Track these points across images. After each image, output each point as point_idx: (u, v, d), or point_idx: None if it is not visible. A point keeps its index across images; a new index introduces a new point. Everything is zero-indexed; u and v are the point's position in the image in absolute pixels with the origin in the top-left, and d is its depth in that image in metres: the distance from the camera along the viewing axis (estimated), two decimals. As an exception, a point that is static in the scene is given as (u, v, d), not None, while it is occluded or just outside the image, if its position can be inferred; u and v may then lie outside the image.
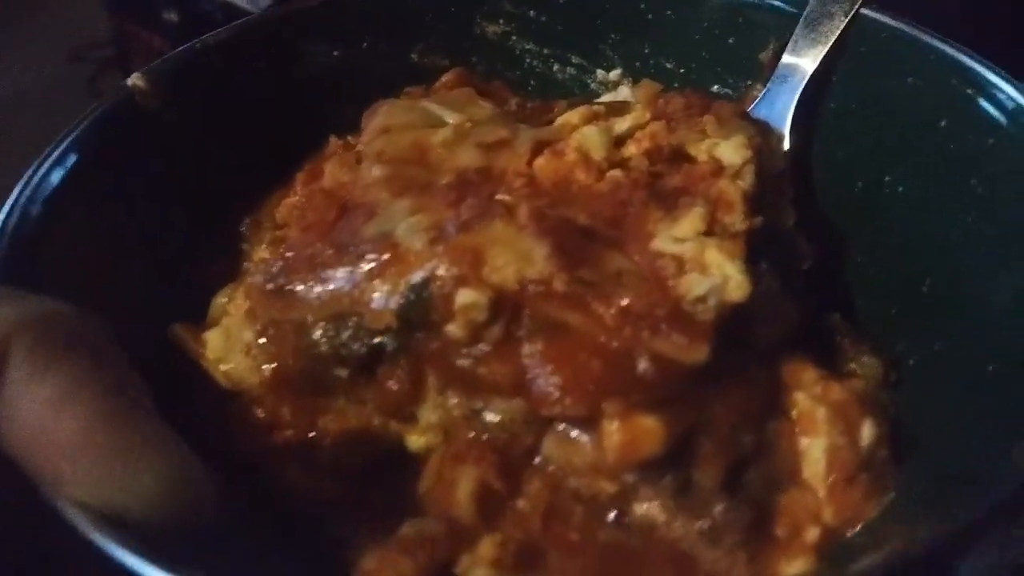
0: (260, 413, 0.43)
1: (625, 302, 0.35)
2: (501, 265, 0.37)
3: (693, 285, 0.35)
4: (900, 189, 0.49)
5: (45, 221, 0.42)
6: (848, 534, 0.37)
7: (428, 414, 0.39)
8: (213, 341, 0.43)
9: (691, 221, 0.39)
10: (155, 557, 0.27)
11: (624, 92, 0.62)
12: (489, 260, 0.37)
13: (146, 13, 0.91)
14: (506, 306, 0.36)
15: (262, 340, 0.42)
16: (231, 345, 0.43)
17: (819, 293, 0.47)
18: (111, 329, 0.30)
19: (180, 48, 0.53)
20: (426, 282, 0.37)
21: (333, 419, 0.41)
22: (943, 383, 0.42)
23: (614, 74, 0.62)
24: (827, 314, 0.46)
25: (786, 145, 0.52)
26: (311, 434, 0.42)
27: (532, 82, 0.63)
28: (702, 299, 0.35)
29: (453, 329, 0.36)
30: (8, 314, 0.27)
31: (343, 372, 0.40)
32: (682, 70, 0.60)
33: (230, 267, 0.50)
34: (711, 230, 0.39)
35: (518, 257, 0.37)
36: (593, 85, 0.63)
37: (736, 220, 0.39)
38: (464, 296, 0.36)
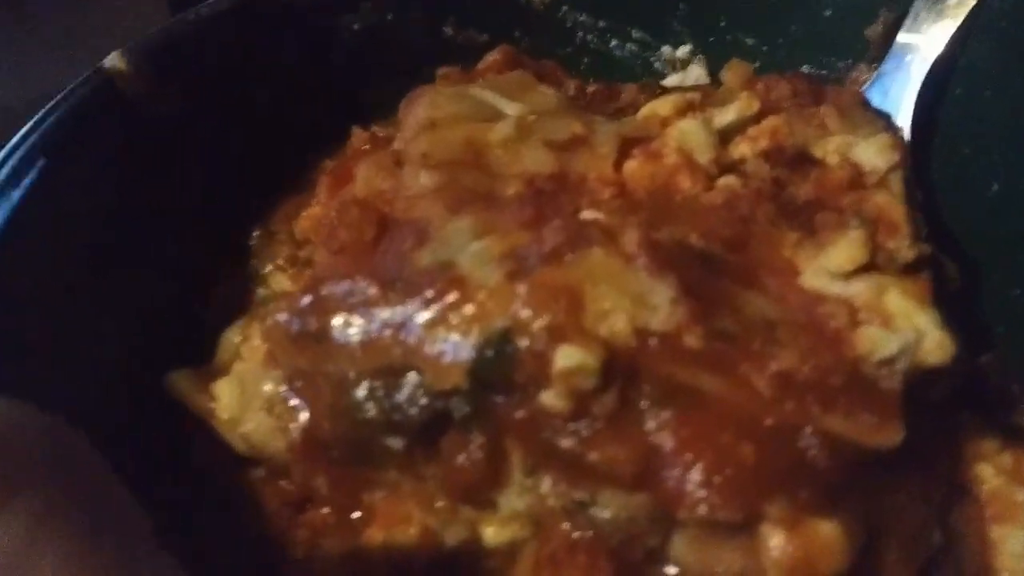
0: (287, 487, 0.34)
1: (784, 364, 0.27)
2: (609, 310, 0.28)
3: (878, 343, 0.27)
4: (1048, 195, 0.41)
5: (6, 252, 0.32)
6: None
7: (513, 501, 0.30)
8: (226, 395, 0.34)
9: (848, 248, 0.30)
10: None
11: (696, 72, 0.53)
12: (591, 303, 0.28)
13: None
14: (620, 368, 0.27)
15: (288, 394, 0.33)
16: (248, 400, 0.34)
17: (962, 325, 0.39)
18: (86, 440, 0.21)
19: (171, 21, 0.43)
20: (508, 332, 0.28)
21: (383, 497, 0.33)
22: None
23: (683, 51, 0.53)
24: (978, 353, 0.38)
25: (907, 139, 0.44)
26: (355, 514, 0.33)
27: (586, 60, 0.54)
28: (889, 361, 0.26)
29: (550, 399, 0.27)
30: None
31: (397, 442, 0.31)
32: (765, 47, 0.51)
33: (238, 291, 0.41)
34: (873, 259, 0.30)
35: (632, 301, 0.28)
36: (658, 64, 0.54)
37: (902, 245, 0.31)
38: (566, 356, 0.27)
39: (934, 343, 0.27)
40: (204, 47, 0.43)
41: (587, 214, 0.33)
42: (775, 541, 0.25)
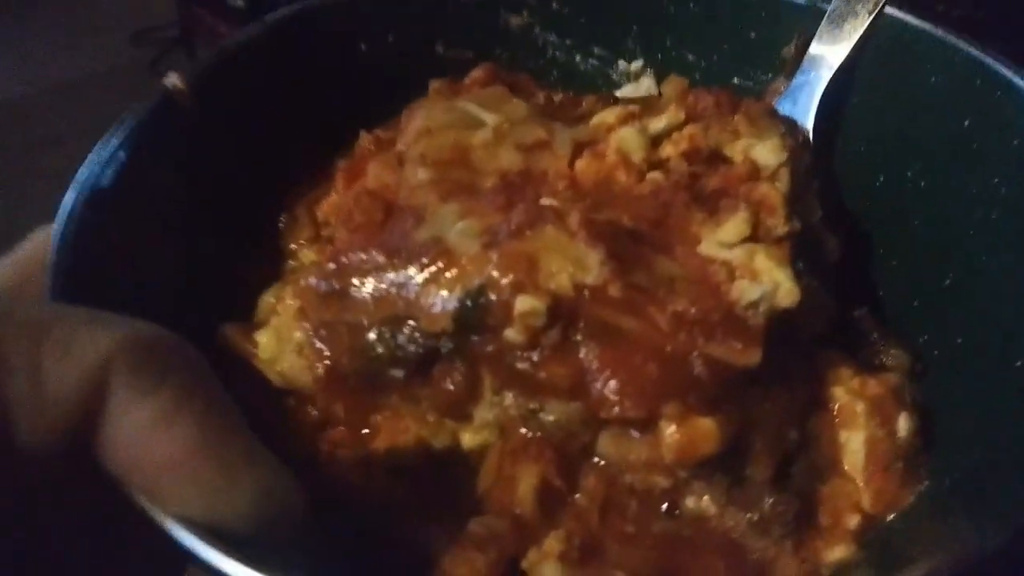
0: (312, 411, 0.44)
1: (679, 307, 0.37)
2: (556, 271, 0.38)
3: (745, 291, 0.37)
4: (922, 184, 0.51)
5: (96, 225, 0.42)
6: (887, 520, 0.39)
7: (484, 413, 0.40)
8: (265, 342, 0.44)
9: (736, 225, 0.40)
10: (251, 564, 0.29)
11: (646, 83, 0.63)
12: (544, 266, 0.39)
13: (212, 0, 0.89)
14: (563, 311, 0.37)
15: (315, 340, 0.43)
16: (283, 345, 0.44)
17: (846, 286, 0.49)
18: (198, 352, 0.30)
19: (214, 49, 0.52)
20: (483, 288, 0.39)
21: (387, 417, 0.43)
22: (967, 376, 0.44)
23: (636, 65, 0.63)
24: (855, 308, 0.48)
25: (810, 138, 0.54)
26: (364, 431, 0.43)
27: (555, 72, 0.64)
28: (754, 304, 0.37)
29: (512, 334, 0.37)
30: (110, 336, 0.27)
31: (398, 372, 0.41)
32: (703, 63, 0.61)
33: (271, 264, 0.51)
34: (755, 233, 0.40)
35: (572, 263, 0.38)
36: (615, 76, 0.64)
37: (778, 223, 0.41)
38: (523, 303, 0.37)
39: (785, 291, 0.37)
40: (244, 69, 0.53)
41: (545, 201, 0.43)
42: (669, 431, 0.36)
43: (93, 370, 0.27)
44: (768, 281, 0.37)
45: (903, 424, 0.40)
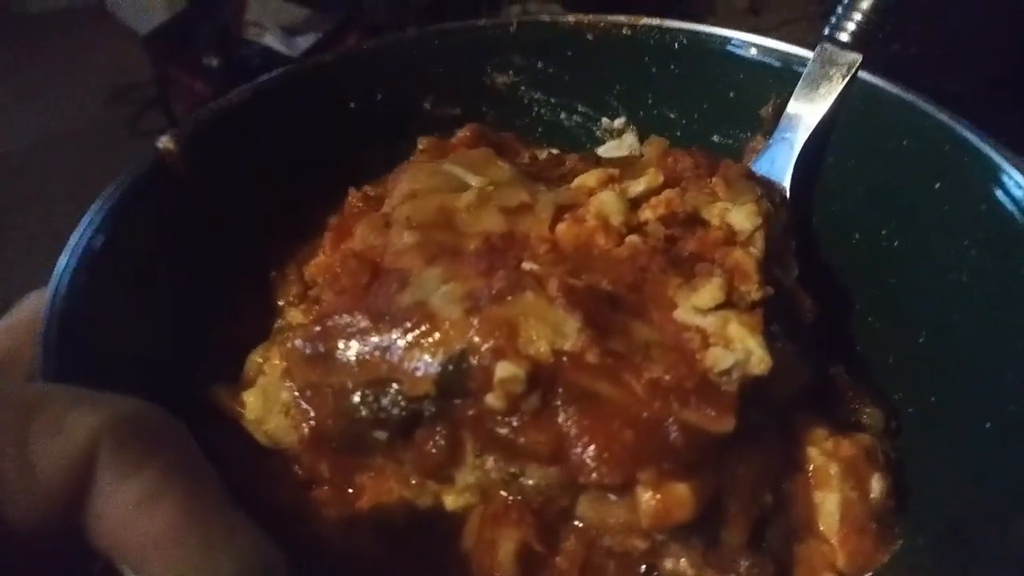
0: (298, 470, 0.45)
1: (655, 374, 0.38)
2: (536, 337, 0.39)
3: (719, 359, 0.38)
4: (896, 244, 0.52)
5: (89, 289, 0.43)
6: (860, 582, 0.40)
7: (466, 476, 0.41)
8: (252, 402, 0.45)
9: (710, 291, 0.41)
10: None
11: (629, 140, 0.65)
12: (523, 332, 0.40)
13: (188, 59, 0.92)
14: (542, 377, 0.38)
15: (300, 401, 0.44)
16: (270, 406, 0.45)
17: (822, 342, 0.50)
18: (183, 426, 0.31)
19: (202, 109, 0.54)
20: (464, 353, 0.40)
21: (371, 477, 0.44)
22: (941, 435, 0.45)
23: (618, 122, 0.65)
24: (831, 364, 0.49)
25: (787, 198, 0.55)
26: (349, 490, 0.44)
27: (540, 129, 0.66)
28: (727, 372, 0.38)
29: (492, 400, 0.38)
30: (97, 416, 0.28)
31: (382, 435, 0.42)
32: (684, 120, 0.63)
33: (260, 321, 0.52)
34: (729, 299, 0.42)
35: (551, 329, 0.39)
36: (598, 132, 0.65)
37: (752, 289, 0.42)
38: (503, 369, 0.38)
39: (758, 359, 0.38)
40: (234, 130, 0.54)
41: (526, 265, 0.44)
42: (645, 497, 0.37)
43: (81, 450, 0.28)
44: (740, 349, 0.38)
45: (876, 485, 0.41)
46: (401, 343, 0.41)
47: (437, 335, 0.41)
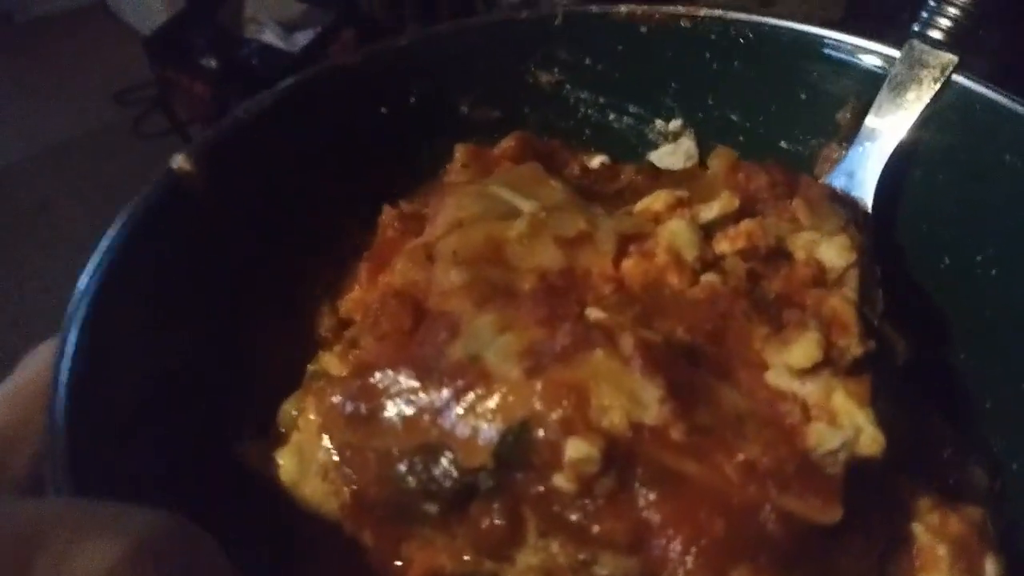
0: (340, 538, 0.41)
1: (750, 454, 0.33)
2: (609, 406, 0.34)
3: (824, 439, 0.33)
4: (993, 272, 0.47)
5: (102, 343, 0.39)
6: None
7: (528, 557, 0.36)
8: (287, 463, 0.41)
9: (805, 348, 0.36)
10: None
11: (686, 145, 0.59)
12: (595, 400, 0.35)
13: (186, 62, 0.87)
14: (618, 455, 0.34)
15: (340, 463, 0.40)
16: (306, 467, 0.41)
17: (909, 384, 0.45)
18: (212, 540, 0.27)
19: (221, 121, 0.48)
20: (527, 423, 0.35)
21: (419, 548, 0.39)
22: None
23: (674, 124, 0.59)
24: (922, 414, 0.44)
25: (869, 216, 0.50)
26: (396, 563, 0.40)
27: (587, 132, 0.60)
28: (832, 452, 0.33)
29: (562, 482, 0.34)
30: (112, 545, 0.24)
31: (432, 508, 0.37)
32: (748, 124, 0.57)
33: (291, 360, 0.47)
34: (827, 355, 0.37)
35: (627, 398, 0.34)
36: (651, 136, 0.60)
37: (851, 343, 0.37)
38: (575, 448, 0.33)
39: (869, 438, 0.33)
40: (255, 143, 0.49)
41: (591, 312, 0.39)
42: (740, 599, 0.32)
43: None
44: (848, 426, 0.33)
45: (990, 568, 0.36)
46: (453, 406, 0.36)
47: (495, 399, 0.36)
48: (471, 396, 0.36)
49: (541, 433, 0.34)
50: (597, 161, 0.56)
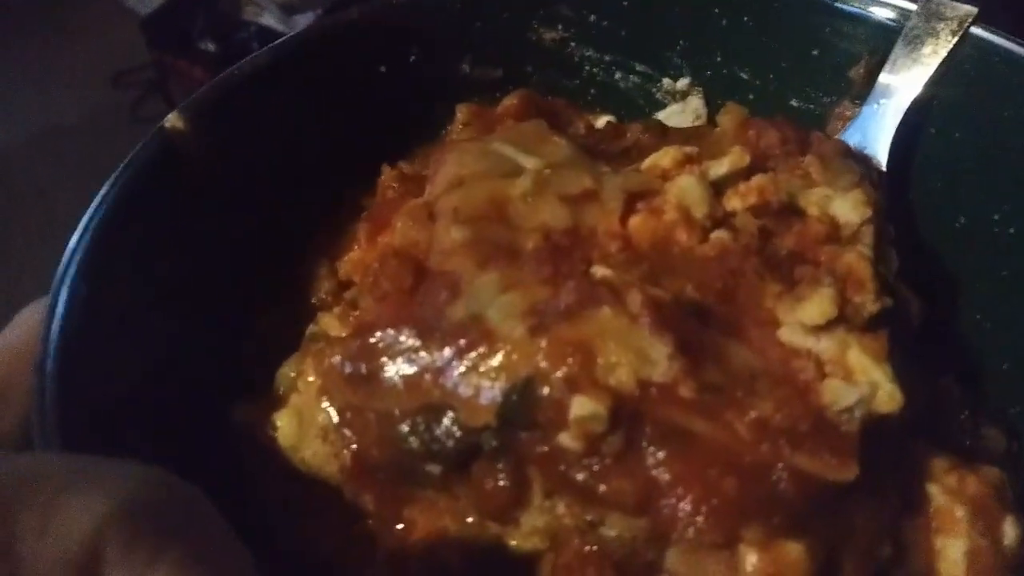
0: (339, 502, 0.40)
1: (762, 412, 0.32)
2: (616, 363, 0.33)
3: (839, 395, 0.32)
4: (1010, 230, 0.46)
5: (92, 302, 0.38)
6: (989, 643, 0.35)
7: (533, 519, 0.35)
8: (285, 425, 0.40)
9: (820, 304, 0.35)
10: None
11: (695, 104, 0.57)
12: (601, 357, 0.34)
13: (184, 45, 0.86)
14: (626, 413, 0.33)
15: (340, 425, 0.39)
16: (305, 429, 0.40)
17: (925, 347, 0.44)
18: (202, 495, 0.26)
19: (217, 78, 0.47)
20: (531, 381, 0.34)
21: (422, 511, 0.38)
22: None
23: (682, 83, 0.57)
24: (940, 374, 0.43)
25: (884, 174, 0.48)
26: (398, 526, 0.39)
27: (592, 92, 0.58)
28: (848, 409, 0.32)
29: (567, 441, 0.33)
30: (99, 500, 0.23)
31: (435, 468, 0.36)
32: (758, 81, 0.55)
33: (290, 323, 0.46)
34: (842, 312, 0.35)
35: (635, 355, 0.33)
36: (659, 95, 0.58)
37: (867, 299, 0.36)
38: (581, 406, 0.32)
39: (886, 395, 0.32)
40: (249, 100, 0.47)
41: (597, 269, 0.38)
42: (751, 559, 0.31)
43: (83, 549, 0.22)
44: (865, 382, 0.32)
45: (1010, 530, 0.35)
46: (455, 365, 0.35)
47: (499, 357, 0.35)
48: (473, 355, 0.35)
49: (546, 391, 0.33)
50: (603, 120, 0.55)
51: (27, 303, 0.37)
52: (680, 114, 0.57)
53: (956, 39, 0.47)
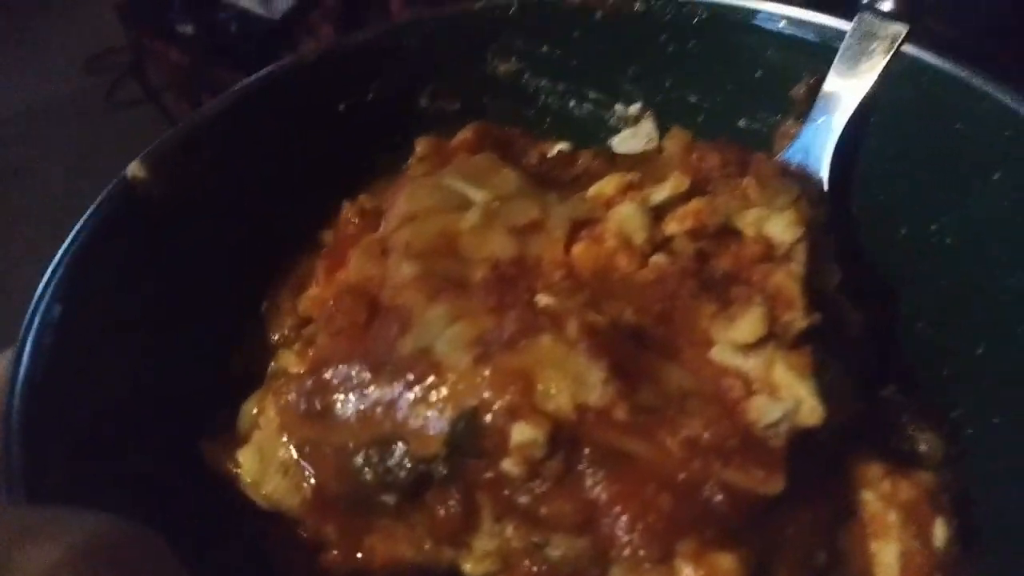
0: (303, 533, 0.41)
1: (693, 431, 0.33)
2: (555, 391, 0.35)
3: (764, 411, 0.33)
4: (948, 240, 0.47)
5: (58, 351, 0.39)
6: (926, 643, 0.36)
7: (484, 543, 0.37)
8: (248, 462, 0.41)
9: (750, 323, 0.37)
10: None
11: (646, 127, 0.59)
12: (541, 384, 0.35)
13: (161, 26, 0.86)
14: (564, 437, 0.34)
15: (300, 459, 0.40)
16: (266, 465, 0.41)
17: (866, 354, 0.46)
18: (160, 540, 0.27)
19: (178, 125, 0.49)
20: (476, 411, 0.35)
21: (381, 539, 0.40)
22: (1009, 462, 0.41)
23: (634, 108, 0.59)
24: (879, 383, 0.45)
25: (825, 191, 0.50)
26: (359, 554, 0.40)
27: (548, 120, 0.60)
28: (774, 425, 0.33)
29: (509, 466, 0.34)
30: (52, 550, 0.24)
31: (390, 498, 0.38)
32: (707, 104, 0.57)
33: (254, 360, 0.48)
34: (771, 329, 0.37)
35: (572, 381, 0.35)
36: (612, 121, 0.60)
37: (796, 317, 0.37)
38: (520, 432, 0.34)
39: (809, 409, 0.34)
40: (211, 145, 0.49)
41: (541, 298, 0.39)
42: (686, 572, 0.32)
43: None
44: (789, 397, 0.34)
45: (940, 532, 0.37)
46: (405, 398, 0.37)
47: (445, 389, 0.36)
48: (422, 387, 0.37)
49: (489, 419, 0.35)
50: (556, 149, 0.56)
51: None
52: (632, 139, 0.58)
53: (889, 56, 0.48)
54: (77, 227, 0.43)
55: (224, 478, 0.41)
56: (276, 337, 0.48)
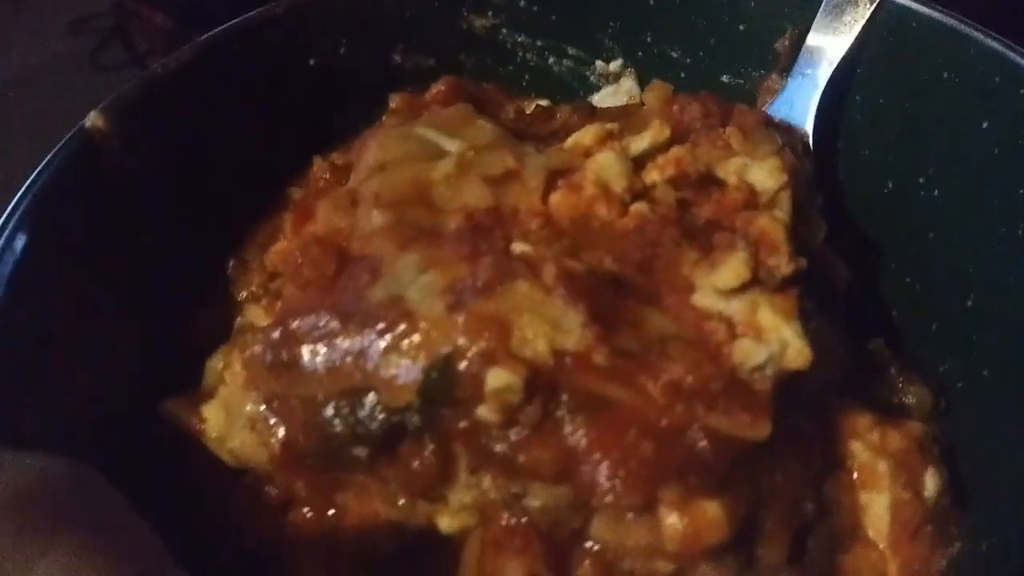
0: (272, 491, 0.40)
1: (675, 374, 0.32)
2: (532, 336, 0.33)
3: (749, 354, 0.32)
4: (935, 192, 0.46)
5: (15, 302, 0.37)
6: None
7: (460, 495, 0.35)
8: (213, 417, 0.39)
9: (733, 267, 0.35)
10: None
11: (627, 85, 0.58)
12: (517, 330, 0.34)
13: None
14: (541, 383, 0.33)
15: (267, 413, 0.38)
16: (233, 420, 0.39)
17: (855, 309, 0.44)
18: (99, 478, 0.26)
19: (140, 76, 0.47)
20: (450, 357, 0.34)
21: (354, 495, 0.38)
22: (998, 415, 0.40)
23: (615, 65, 0.58)
24: (868, 336, 0.44)
25: (810, 145, 0.49)
26: (330, 511, 0.39)
27: (526, 77, 0.59)
28: (759, 368, 0.32)
29: (485, 413, 0.33)
30: None
31: (361, 451, 0.36)
32: (688, 59, 0.56)
33: (220, 318, 0.46)
34: (755, 275, 0.36)
35: (549, 326, 0.33)
36: (592, 78, 0.58)
37: (781, 262, 0.36)
38: (495, 377, 0.32)
39: (795, 351, 0.32)
40: (175, 98, 0.47)
41: (516, 246, 0.38)
42: (670, 520, 0.31)
43: None
44: (774, 340, 0.32)
45: (931, 482, 0.36)
46: (376, 347, 0.35)
47: (417, 336, 0.35)
48: (393, 335, 0.35)
49: (464, 366, 0.33)
50: (535, 106, 0.55)
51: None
52: (613, 96, 0.57)
53: (874, 6, 0.47)
54: (34, 174, 0.41)
55: (186, 433, 0.40)
56: (244, 294, 0.47)
